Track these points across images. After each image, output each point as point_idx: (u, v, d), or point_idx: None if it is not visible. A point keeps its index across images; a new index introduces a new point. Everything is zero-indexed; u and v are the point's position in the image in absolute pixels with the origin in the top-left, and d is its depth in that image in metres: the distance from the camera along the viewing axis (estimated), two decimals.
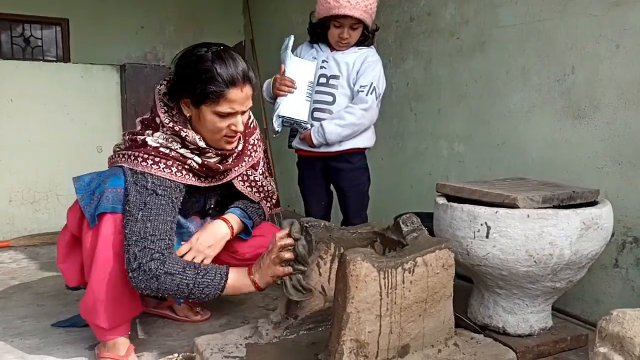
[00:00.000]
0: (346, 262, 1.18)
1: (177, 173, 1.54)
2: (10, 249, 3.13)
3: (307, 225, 1.53)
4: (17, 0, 4.47)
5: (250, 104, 1.56)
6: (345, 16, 1.93)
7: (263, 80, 2.17)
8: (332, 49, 2.06)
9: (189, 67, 1.49)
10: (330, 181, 2.18)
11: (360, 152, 2.10)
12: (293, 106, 1.99)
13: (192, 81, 1.47)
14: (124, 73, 3.53)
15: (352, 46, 2.03)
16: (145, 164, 1.51)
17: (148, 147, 1.53)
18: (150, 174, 1.50)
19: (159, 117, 1.56)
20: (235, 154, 1.68)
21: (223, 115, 1.51)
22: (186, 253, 1.62)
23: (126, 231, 1.46)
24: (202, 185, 1.63)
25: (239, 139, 1.67)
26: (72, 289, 1.72)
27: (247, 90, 1.52)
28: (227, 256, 1.80)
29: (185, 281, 1.45)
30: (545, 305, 1.63)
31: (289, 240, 1.46)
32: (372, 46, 2.08)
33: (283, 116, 1.99)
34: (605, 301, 1.79)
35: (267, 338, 1.47)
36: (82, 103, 3.50)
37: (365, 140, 2.06)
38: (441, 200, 1.67)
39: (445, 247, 1.30)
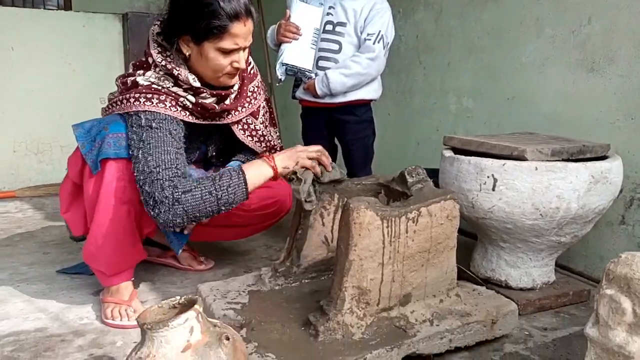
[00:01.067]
0: (350, 210, 1.17)
1: (171, 108, 1.49)
2: (16, 199, 3.15)
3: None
4: None
5: (251, 39, 1.52)
6: None
7: (267, 30, 2.10)
8: None
9: (190, 2, 1.43)
10: (334, 134, 2.14)
11: (365, 104, 2.06)
12: (297, 54, 1.93)
13: (194, 16, 1.42)
14: (127, 22, 3.46)
15: None
16: (138, 102, 1.46)
17: (139, 87, 1.49)
18: (142, 111, 1.45)
19: (151, 56, 1.51)
20: (233, 95, 1.64)
21: (226, 52, 1.47)
22: None
23: (135, 175, 1.43)
24: (200, 122, 1.59)
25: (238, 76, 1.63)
26: (76, 239, 1.72)
27: (250, 24, 1.48)
28: None
29: (207, 189, 1.39)
30: (549, 260, 1.62)
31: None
32: None
33: (287, 64, 1.94)
34: (610, 258, 1.75)
35: (270, 286, 1.48)
36: (84, 52, 3.45)
37: (371, 92, 2.02)
38: (448, 153, 1.64)
39: (451, 198, 1.28)
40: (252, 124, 1.73)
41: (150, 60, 1.52)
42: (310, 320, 1.24)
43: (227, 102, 1.62)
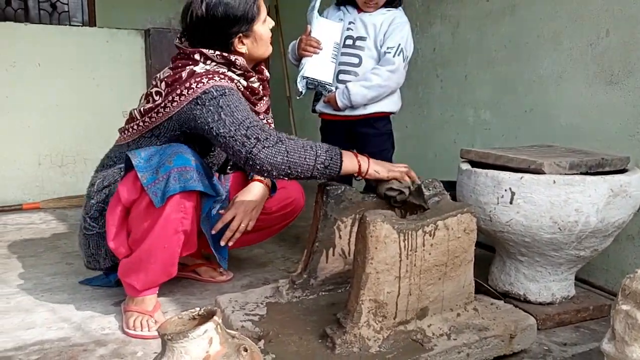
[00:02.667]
0: (366, 223, 1.18)
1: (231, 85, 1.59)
2: (40, 211, 3.22)
3: (328, 188, 1.54)
4: None
5: None
6: None
7: (287, 46, 2.14)
8: (360, 10, 2.01)
9: (231, 7, 1.59)
10: (354, 147, 2.15)
11: (385, 117, 2.07)
12: (318, 67, 1.96)
13: (241, 13, 1.60)
14: (149, 38, 3.53)
15: (380, 7, 1.99)
16: (202, 84, 1.51)
17: (197, 74, 1.54)
18: (211, 86, 1.50)
19: (199, 54, 1.60)
20: (262, 83, 1.79)
21: (264, 20, 1.68)
22: (232, 219, 1.70)
23: (221, 137, 1.44)
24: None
25: None
26: (93, 269, 1.76)
27: None
28: None
29: (308, 144, 1.43)
30: (569, 274, 1.61)
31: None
32: (400, 7, 2.02)
33: (307, 77, 1.96)
34: (631, 272, 1.76)
35: (288, 298, 1.49)
36: (107, 67, 3.52)
37: (391, 105, 2.03)
38: (465, 166, 1.64)
39: (468, 212, 1.29)
40: (264, 119, 1.84)
41: (197, 56, 1.60)
42: (327, 333, 1.25)
43: (263, 88, 1.79)
